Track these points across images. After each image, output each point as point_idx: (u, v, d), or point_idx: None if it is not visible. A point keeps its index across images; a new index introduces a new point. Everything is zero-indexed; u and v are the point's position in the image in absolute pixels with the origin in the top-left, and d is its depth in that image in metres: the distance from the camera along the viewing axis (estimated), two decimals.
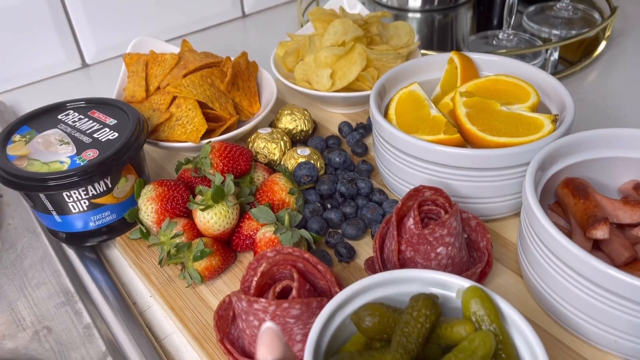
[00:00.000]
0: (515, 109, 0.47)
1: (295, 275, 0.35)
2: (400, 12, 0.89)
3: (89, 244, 0.49)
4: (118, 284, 0.46)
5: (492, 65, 0.54)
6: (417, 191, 0.41)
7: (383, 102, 0.52)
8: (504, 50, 0.70)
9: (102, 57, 0.81)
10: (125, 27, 0.80)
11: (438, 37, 0.84)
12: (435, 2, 0.88)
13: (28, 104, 0.72)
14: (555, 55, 0.74)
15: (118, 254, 0.50)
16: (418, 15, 0.88)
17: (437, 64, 0.55)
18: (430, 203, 0.41)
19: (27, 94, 0.75)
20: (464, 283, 0.33)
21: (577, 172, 0.44)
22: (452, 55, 0.53)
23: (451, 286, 0.33)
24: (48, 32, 0.74)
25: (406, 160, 0.46)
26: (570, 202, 0.42)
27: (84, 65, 0.80)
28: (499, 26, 0.86)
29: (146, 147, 0.53)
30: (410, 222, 0.39)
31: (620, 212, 0.41)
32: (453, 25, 0.87)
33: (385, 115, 0.50)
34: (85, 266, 0.48)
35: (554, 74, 0.70)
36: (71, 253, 0.49)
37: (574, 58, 0.74)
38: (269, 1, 0.93)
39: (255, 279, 0.35)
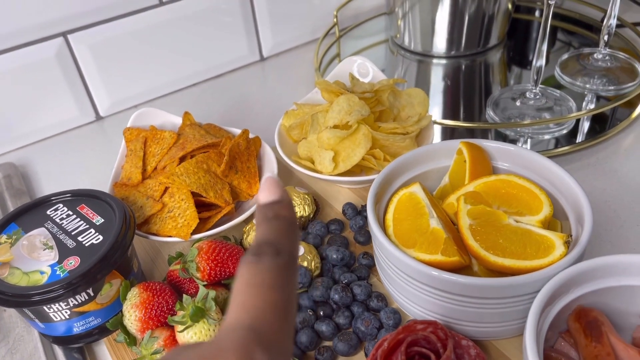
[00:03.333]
0: (525, 221, 0.42)
1: None
2: (425, 57, 0.84)
3: (79, 345, 0.48)
4: None
5: (506, 155, 0.49)
6: (407, 328, 0.37)
7: (385, 195, 0.49)
8: (528, 120, 0.65)
9: (117, 109, 0.80)
10: (139, 77, 0.79)
11: (464, 87, 0.79)
12: (462, 47, 0.82)
13: (40, 161, 0.72)
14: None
15: (106, 351, 0.49)
16: (443, 61, 0.84)
17: (445, 152, 0.51)
18: (422, 342, 0.37)
19: (40, 150, 0.75)
20: None
21: (592, 300, 0.39)
22: (461, 146, 0.49)
23: None
24: (60, 88, 0.74)
25: (402, 277, 0.42)
26: (582, 341, 0.37)
27: (98, 118, 0.79)
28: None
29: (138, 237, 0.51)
30: None
31: None
32: (481, 73, 0.82)
33: (385, 214, 0.47)
34: None
35: (584, 140, 0.64)
36: (59, 351, 0.48)
37: (608, 118, 0.68)
38: (287, 44, 0.90)
39: None
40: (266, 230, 0.23)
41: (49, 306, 0.43)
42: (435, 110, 0.74)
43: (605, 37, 0.73)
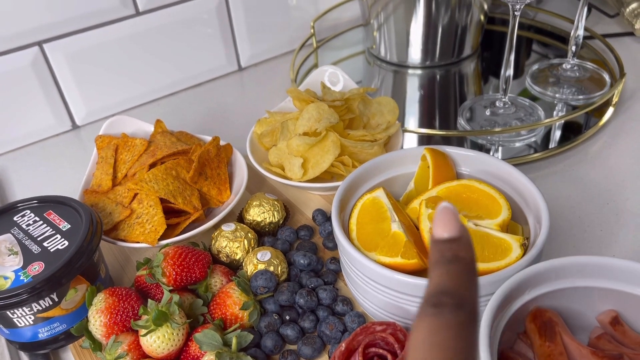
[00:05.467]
0: (484, 225, 0.43)
1: None
2: (400, 67, 0.86)
3: (45, 351, 0.48)
4: None
5: (470, 161, 0.50)
6: (365, 329, 0.38)
7: (351, 200, 0.49)
8: (498, 129, 0.66)
9: (93, 117, 0.80)
10: (117, 86, 0.80)
11: (439, 96, 0.80)
12: (437, 58, 0.84)
13: (15, 169, 0.73)
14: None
15: (72, 357, 0.49)
16: (419, 71, 0.85)
17: (410, 158, 0.52)
18: (379, 342, 0.38)
19: (16, 159, 0.75)
20: None
21: (549, 301, 0.40)
22: (425, 152, 0.50)
23: None
24: (36, 98, 0.74)
25: (364, 281, 0.43)
26: (536, 341, 0.38)
27: (74, 127, 0.79)
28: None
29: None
30: None
31: None
32: (455, 83, 0.83)
33: (349, 219, 0.47)
34: None
35: (555, 147, 0.65)
36: (25, 358, 0.48)
37: (577, 126, 0.69)
38: (265, 54, 0.91)
39: None
40: (444, 276, 0.21)
41: (12, 311, 0.43)
42: (411, 119, 0.75)
43: (573, 48, 0.75)
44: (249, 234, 0.52)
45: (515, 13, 0.62)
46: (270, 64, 0.92)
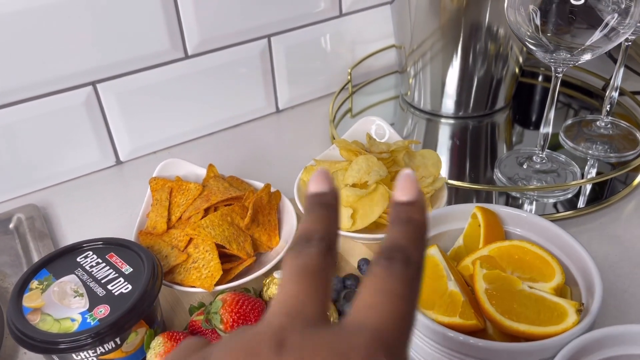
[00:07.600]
0: (538, 288, 0.44)
1: None
2: (433, 116, 0.88)
3: None
4: None
5: (519, 221, 0.52)
6: None
7: None
8: (534, 185, 0.68)
9: (136, 154, 0.82)
10: (160, 125, 0.82)
11: (471, 147, 0.82)
12: (470, 109, 0.86)
13: (61, 203, 0.74)
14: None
15: None
16: (451, 121, 0.87)
17: (460, 215, 0.53)
18: None
19: (61, 192, 0.77)
20: None
21: None
22: (476, 210, 0.52)
23: None
24: (85, 134, 0.76)
25: (419, 337, 0.44)
26: None
27: (118, 162, 0.82)
28: (536, 127, 0.84)
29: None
30: None
31: None
32: (487, 134, 0.85)
33: None
34: None
35: (590, 205, 0.67)
36: None
37: (609, 184, 0.71)
38: (301, 97, 0.94)
39: None
40: (398, 233, 0.23)
41: (77, 354, 0.44)
42: (442, 169, 0.76)
43: (608, 107, 0.77)
44: None
45: (557, 75, 0.64)
46: (305, 107, 0.94)
